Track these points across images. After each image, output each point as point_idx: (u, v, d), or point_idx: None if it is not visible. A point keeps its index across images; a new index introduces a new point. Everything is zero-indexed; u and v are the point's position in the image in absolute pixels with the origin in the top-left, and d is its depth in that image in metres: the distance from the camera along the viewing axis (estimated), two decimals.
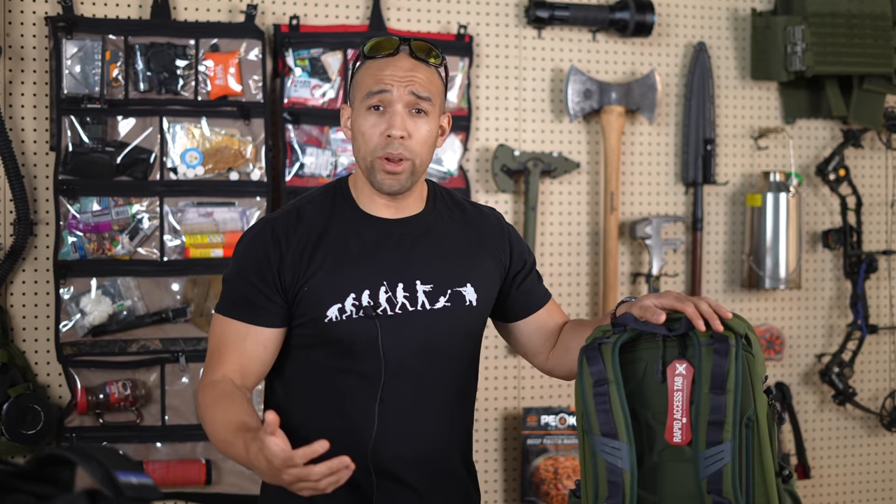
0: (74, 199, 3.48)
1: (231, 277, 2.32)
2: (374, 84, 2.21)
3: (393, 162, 2.21)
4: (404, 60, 2.23)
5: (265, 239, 2.28)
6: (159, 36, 3.55)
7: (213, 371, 2.25)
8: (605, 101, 4.03)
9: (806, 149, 4.38)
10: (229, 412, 2.13)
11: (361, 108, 2.23)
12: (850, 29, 4.17)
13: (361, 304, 2.24)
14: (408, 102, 2.21)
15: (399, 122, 2.20)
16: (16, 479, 1.76)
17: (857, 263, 4.33)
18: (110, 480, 1.65)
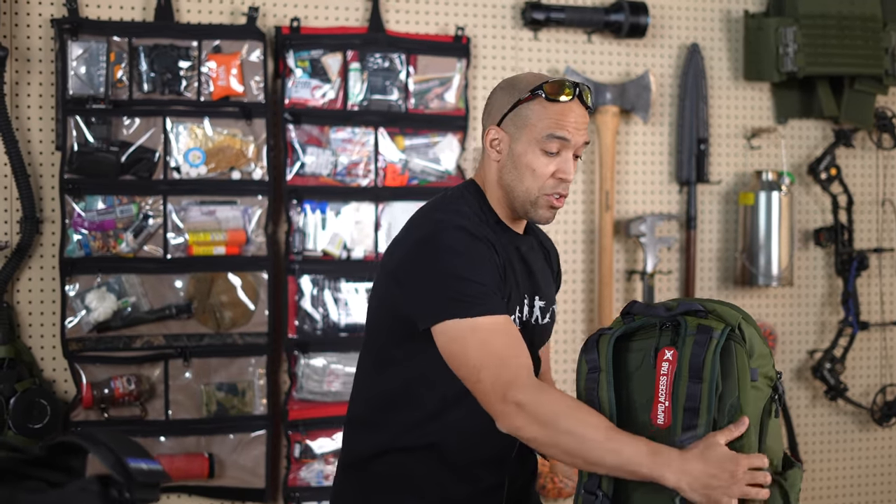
0: (80, 198, 3.54)
1: (475, 276, 2.22)
2: (557, 129, 2.27)
3: (558, 199, 2.32)
4: (579, 108, 2.31)
5: (482, 243, 2.26)
6: (163, 38, 3.62)
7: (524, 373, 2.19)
8: (601, 102, 4.10)
9: (798, 148, 4.45)
10: (597, 418, 2.12)
11: (534, 146, 2.29)
12: (840, 30, 4.23)
13: (524, 314, 2.36)
14: (577, 149, 2.32)
15: (571, 169, 2.30)
16: (28, 465, 1.82)
17: (849, 261, 4.40)
18: (121, 466, 1.70)
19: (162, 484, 1.76)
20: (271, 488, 3.75)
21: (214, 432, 3.68)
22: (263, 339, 3.70)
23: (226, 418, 3.68)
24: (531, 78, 2.33)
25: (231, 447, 3.70)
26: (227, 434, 3.69)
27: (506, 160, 2.32)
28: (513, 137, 2.31)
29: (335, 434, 3.76)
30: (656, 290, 4.20)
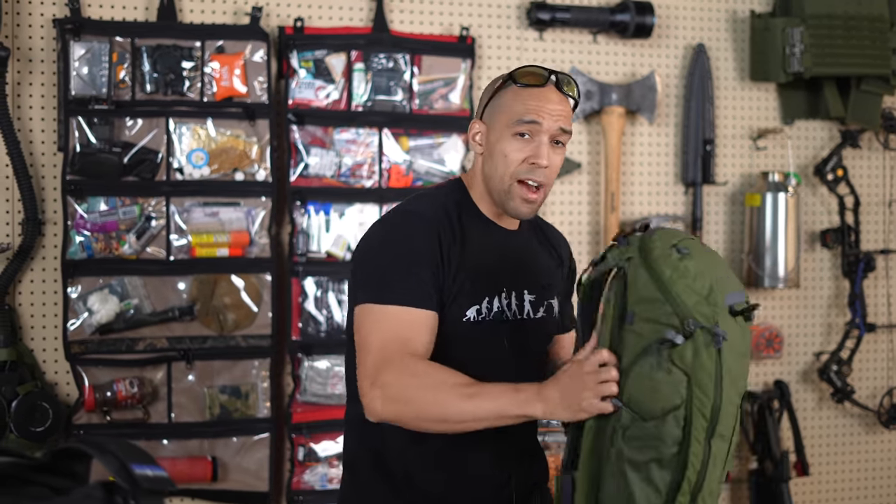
0: (82, 199, 3.52)
1: (392, 266, 2.25)
2: (526, 113, 2.27)
3: (532, 190, 2.29)
4: (553, 93, 2.30)
5: (428, 234, 2.27)
6: (165, 38, 3.60)
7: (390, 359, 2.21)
8: (606, 102, 4.07)
9: (804, 149, 4.42)
10: (453, 378, 2.16)
11: (506, 132, 2.29)
12: (847, 31, 4.21)
13: (493, 307, 2.32)
14: (553, 135, 2.28)
15: (545, 153, 2.27)
16: (31, 471, 1.79)
17: (855, 262, 4.37)
18: (126, 472, 1.68)
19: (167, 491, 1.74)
20: (275, 492, 3.73)
21: (218, 435, 3.66)
22: (267, 342, 3.68)
23: (229, 421, 3.66)
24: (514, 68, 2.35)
25: (234, 450, 3.67)
26: (231, 437, 3.67)
27: (486, 151, 2.33)
28: (490, 127, 2.32)
29: (339, 437, 3.72)
30: None
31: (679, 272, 2.01)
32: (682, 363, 1.99)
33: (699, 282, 2.01)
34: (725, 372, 2.00)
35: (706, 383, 1.99)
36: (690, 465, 1.99)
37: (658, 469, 2.02)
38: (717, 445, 2.02)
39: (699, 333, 1.98)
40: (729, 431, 2.04)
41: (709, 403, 1.99)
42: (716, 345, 1.98)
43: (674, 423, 2.00)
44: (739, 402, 2.08)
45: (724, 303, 2.02)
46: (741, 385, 2.08)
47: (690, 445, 1.99)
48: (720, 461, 2.04)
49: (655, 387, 2.01)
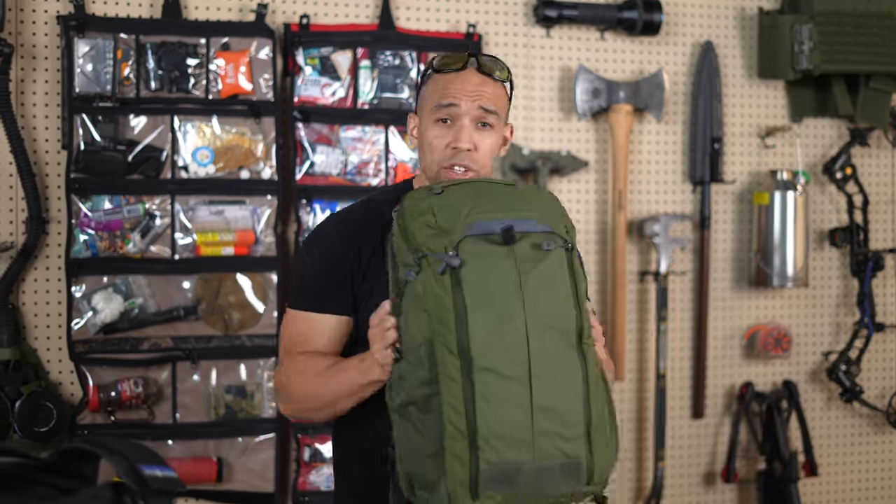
0: (86, 198, 3.49)
1: (301, 273, 2.36)
2: (443, 98, 2.26)
3: (459, 175, 2.26)
4: (473, 75, 2.28)
5: (345, 233, 2.31)
6: (170, 35, 3.57)
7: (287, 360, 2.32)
8: (614, 100, 4.04)
9: (813, 147, 4.39)
10: (314, 365, 2.24)
11: (429, 120, 2.28)
12: (856, 28, 4.18)
13: None
14: (475, 116, 2.26)
15: (466, 136, 2.25)
16: (38, 472, 1.77)
17: (864, 261, 4.34)
18: (135, 473, 1.65)
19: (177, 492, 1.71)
20: (280, 492, 3.70)
21: (223, 435, 3.63)
22: (272, 341, 3.64)
23: (234, 421, 3.63)
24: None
25: (239, 451, 3.64)
26: (236, 437, 3.64)
27: (418, 143, 2.34)
28: (420, 118, 2.33)
29: None
30: (670, 291, 4.15)
31: (419, 210, 2.01)
32: (417, 298, 1.95)
33: (443, 214, 1.98)
34: (477, 301, 1.92)
35: (443, 314, 1.92)
36: (446, 404, 1.90)
37: (420, 413, 1.96)
38: (490, 383, 1.90)
39: (425, 263, 1.95)
40: (515, 369, 1.92)
41: (451, 336, 1.91)
42: (440, 269, 1.92)
43: (418, 363, 1.95)
44: (559, 339, 1.96)
45: (468, 230, 1.96)
46: (551, 320, 1.96)
47: (441, 384, 1.91)
48: (511, 402, 1.91)
49: (408, 328, 1.99)
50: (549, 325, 1.95)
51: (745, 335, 4.30)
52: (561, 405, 1.95)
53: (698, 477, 4.27)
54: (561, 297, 1.99)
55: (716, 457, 4.28)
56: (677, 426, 4.23)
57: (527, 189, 2.15)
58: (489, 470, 1.90)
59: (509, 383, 1.91)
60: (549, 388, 1.94)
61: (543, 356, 1.94)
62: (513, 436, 1.91)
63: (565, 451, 1.95)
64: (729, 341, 4.28)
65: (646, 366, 4.18)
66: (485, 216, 1.98)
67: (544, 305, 1.96)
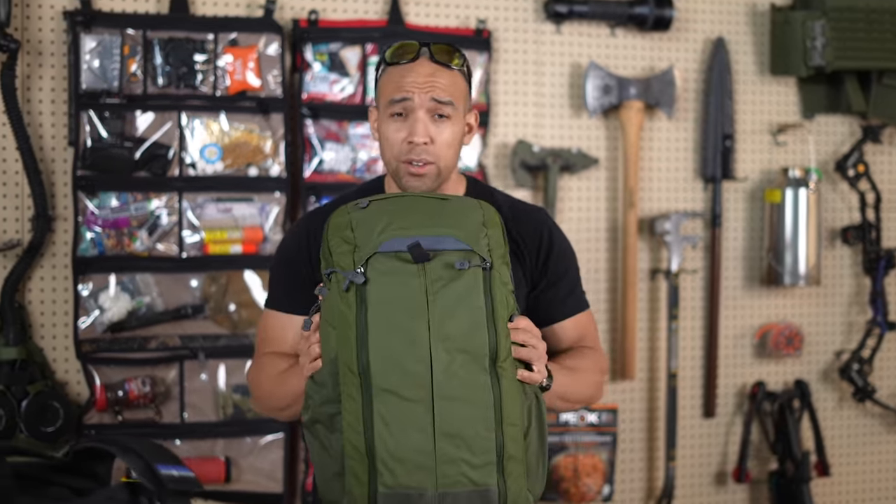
0: (93, 195, 3.46)
1: (272, 270, 2.41)
2: (396, 92, 2.22)
3: (418, 167, 2.23)
4: (425, 66, 2.24)
5: (298, 234, 2.34)
6: (178, 30, 3.53)
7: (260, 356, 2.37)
8: (624, 97, 4.00)
9: (825, 144, 4.35)
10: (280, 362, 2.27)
11: (385, 114, 2.26)
12: (869, 24, 4.14)
13: None
14: (429, 108, 2.22)
15: (421, 129, 2.21)
16: (52, 472, 1.74)
17: (876, 260, 4.30)
18: (151, 473, 1.63)
19: (194, 492, 1.68)
20: (289, 493, 3.66)
21: (231, 435, 3.59)
22: None
23: (242, 421, 3.59)
24: None
25: (248, 451, 3.61)
26: (244, 437, 3.60)
27: (378, 138, 2.31)
28: (378, 112, 2.30)
29: None
30: (681, 290, 4.11)
31: (340, 225, 1.98)
32: (328, 315, 1.93)
33: (360, 230, 1.94)
34: (379, 320, 1.87)
35: (347, 333, 1.88)
36: (345, 422, 1.86)
37: (327, 432, 1.92)
38: (389, 405, 1.85)
39: (333, 280, 1.92)
40: (416, 392, 1.86)
41: (353, 355, 1.87)
42: (343, 288, 1.88)
43: (325, 380, 1.92)
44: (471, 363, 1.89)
45: (379, 247, 1.92)
46: (462, 342, 1.89)
47: (343, 402, 1.87)
48: (411, 427, 1.85)
49: (321, 345, 1.97)
50: (459, 347, 1.89)
51: (757, 334, 4.26)
52: (467, 431, 1.88)
53: (709, 477, 4.23)
54: (473, 318, 1.92)
55: (727, 457, 4.24)
56: (688, 426, 4.19)
57: (458, 204, 2.07)
58: (388, 493, 1.86)
59: (410, 405, 1.86)
60: (454, 412, 1.88)
61: (450, 379, 1.88)
62: (412, 460, 1.86)
63: (472, 478, 1.88)
64: (740, 340, 4.24)
65: (657, 365, 4.14)
66: (400, 233, 1.93)
67: (454, 327, 1.90)
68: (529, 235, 2.38)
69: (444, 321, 1.89)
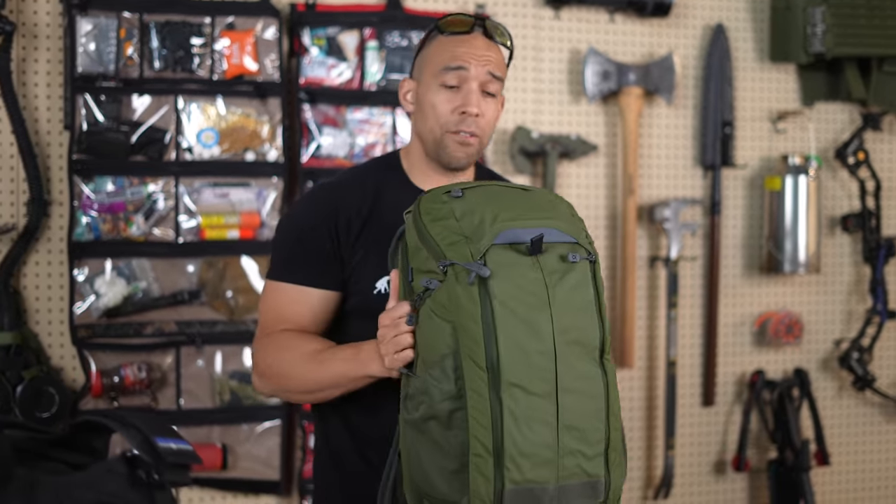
0: (89, 179, 3.43)
1: (284, 242, 2.28)
2: (452, 60, 2.20)
3: (466, 136, 2.21)
4: (479, 39, 2.23)
5: (320, 206, 2.26)
6: (174, 14, 3.50)
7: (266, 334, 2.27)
8: (624, 83, 3.98)
9: (825, 132, 4.33)
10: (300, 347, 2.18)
11: (433, 82, 2.22)
12: (870, 10, 4.12)
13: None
14: (483, 82, 2.21)
15: (475, 100, 2.19)
16: (49, 446, 1.72)
17: (877, 248, 4.29)
18: (149, 446, 1.60)
19: (193, 465, 1.66)
20: (286, 480, 3.64)
21: (227, 422, 3.57)
22: None
23: (239, 408, 3.57)
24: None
25: (244, 437, 3.59)
26: (241, 424, 3.58)
27: (416, 108, 2.27)
28: (419, 82, 2.27)
29: None
30: (680, 277, 4.09)
31: (440, 214, 1.91)
32: (441, 309, 1.86)
33: (466, 220, 1.88)
34: (506, 314, 1.82)
35: (471, 327, 1.81)
36: (473, 419, 1.80)
37: (441, 428, 1.86)
38: (518, 400, 1.81)
39: (451, 272, 1.84)
40: (542, 386, 1.82)
41: (479, 350, 1.81)
42: (469, 280, 1.81)
43: (442, 375, 1.85)
44: (583, 354, 1.87)
45: (495, 239, 1.85)
46: (576, 334, 1.87)
47: (468, 398, 1.81)
48: (538, 421, 1.82)
49: (426, 340, 1.90)
50: (574, 339, 1.87)
51: (756, 322, 4.24)
52: (584, 423, 1.87)
53: (708, 465, 4.21)
54: (585, 310, 1.90)
55: (726, 445, 4.22)
56: (687, 414, 4.17)
57: (543, 195, 2.03)
58: (515, 490, 1.82)
59: (536, 400, 1.82)
60: (574, 405, 1.85)
61: (569, 371, 1.85)
62: (539, 454, 1.82)
63: (586, 469, 1.87)
64: (740, 328, 4.22)
65: (656, 353, 4.12)
66: (510, 224, 1.88)
67: (570, 319, 1.87)
68: None
69: (562, 314, 1.86)
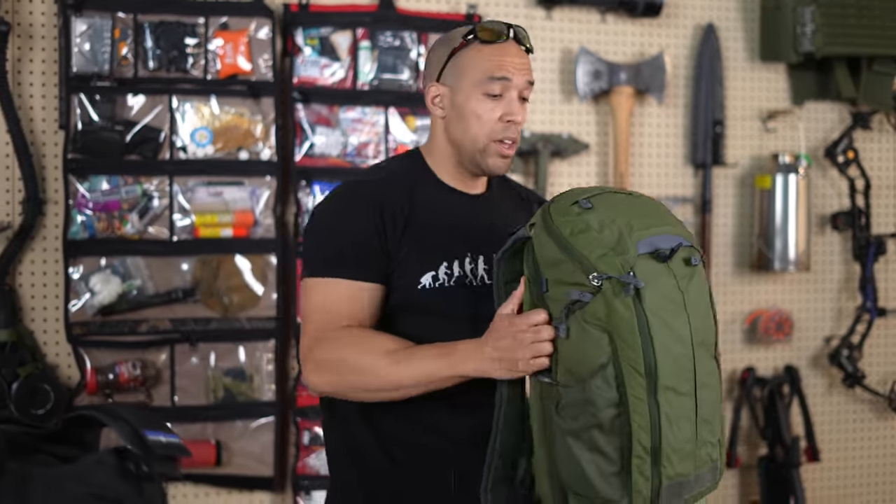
0: (84, 178, 3.46)
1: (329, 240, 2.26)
2: (496, 70, 2.23)
3: (508, 146, 2.26)
4: (513, 47, 2.26)
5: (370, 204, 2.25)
6: (169, 14, 3.53)
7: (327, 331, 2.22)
8: (615, 82, 4.01)
9: (814, 131, 4.37)
10: (381, 345, 2.16)
11: (474, 92, 2.25)
12: (859, 10, 4.15)
13: (454, 273, 2.26)
14: (521, 89, 2.26)
15: (517, 109, 2.25)
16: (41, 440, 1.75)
17: (866, 246, 4.32)
18: (138, 438, 1.63)
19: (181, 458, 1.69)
20: (279, 476, 3.67)
21: (221, 419, 3.60)
22: (271, 324, 3.62)
23: (233, 405, 3.60)
24: (463, 28, 2.29)
25: (238, 434, 3.62)
26: (235, 421, 3.61)
27: (450, 114, 2.28)
28: (453, 89, 2.27)
29: None
30: None
31: (579, 227, 1.95)
32: (597, 320, 1.91)
33: (606, 232, 1.93)
34: (656, 321, 1.89)
35: (629, 337, 1.89)
36: (635, 424, 1.89)
37: (602, 434, 1.93)
38: (671, 401, 1.90)
39: (607, 285, 1.89)
40: (687, 385, 1.93)
41: (638, 357, 1.88)
42: (626, 293, 1.87)
43: (604, 385, 1.91)
44: (706, 352, 1.97)
45: (638, 249, 1.91)
46: (702, 334, 1.96)
47: (630, 404, 1.89)
48: (684, 419, 1.92)
49: (579, 350, 1.94)
50: (700, 339, 1.97)
51: (747, 320, 4.27)
52: (711, 415, 1.99)
53: None
54: (707, 310, 2.00)
55: None
56: None
57: (648, 200, 2.10)
58: (668, 485, 1.94)
59: (684, 399, 1.93)
60: (706, 399, 1.98)
61: (702, 369, 1.97)
62: (684, 449, 1.94)
63: (712, 456, 2.01)
64: (730, 326, 4.25)
65: None
66: (645, 233, 1.94)
67: (699, 320, 1.97)
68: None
69: (694, 316, 1.96)
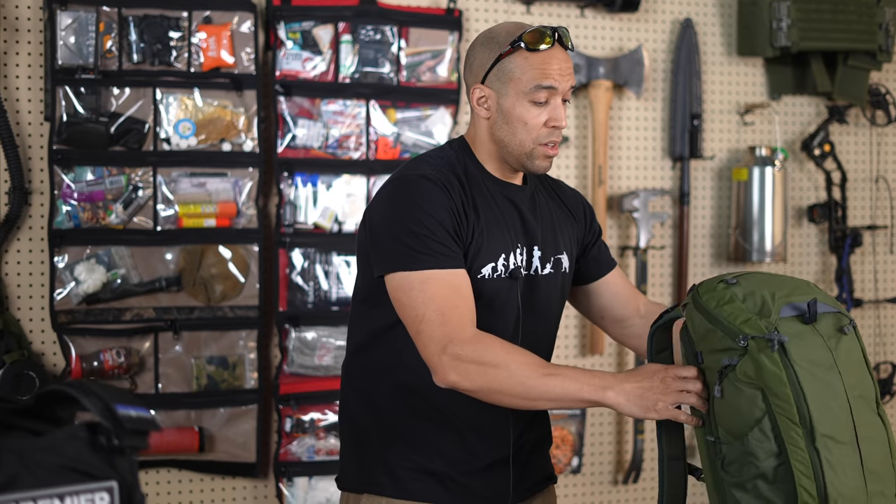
0: (69, 169, 3.51)
1: (416, 232, 2.24)
2: (543, 79, 2.28)
3: (552, 147, 2.34)
4: (559, 52, 2.32)
5: (451, 197, 2.29)
6: (152, 8, 3.59)
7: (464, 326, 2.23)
8: (593, 76, 4.07)
9: (791, 125, 4.43)
10: (532, 357, 2.22)
11: (522, 98, 2.30)
12: (834, 5, 4.21)
13: (509, 264, 2.34)
14: (565, 94, 2.33)
15: (562, 114, 2.32)
16: (15, 416, 1.79)
17: (842, 238, 4.38)
18: (109, 412, 1.67)
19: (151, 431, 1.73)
20: (262, 463, 3.73)
21: (205, 406, 3.66)
22: (254, 313, 3.67)
23: (216, 392, 3.66)
24: (510, 28, 2.32)
25: (221, 421, 3.67)
26: (218, 408, 3.67)
27: (496, 116, 2.34)
28: (499, 93, 2.33)
29: (326, 408, 3.73)
30: (650, 266, 4.18)
31: (725, 299, 2.07)
32: (748, 378, 2.01)
33: (749, 301, 2.05)
34: (805, 374, 1.98)
35: (780, 389, 1.98)
36: (797, 471, 1.98)
37: (767, 484, 2.03)
38: (830, 448, 1.98)
39: (753, 344, 2.00)
40: (847, 435, 2.01)
41: (791, 408, 1.98)
42: (772, 348, 1.97)
43: (762, 436, 2.01)
44: (866, 405, 2.04)
45: (781, 313, 2.02)
46: (859, 389, 2.04)
47: (790, 452, 1.98)
48: (848, 465, 2.00)
49: (735, 408, 2.04)
50: (858, 394, 2.04)
51: None
52: (880, 467, 2.05)
53: None
54: (861, 367, 2.07)
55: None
56: None
57: (792, 278, 2.20)
58: None
59: (844, 448, 2.00)
60: (870, 451, 2.04)
61: (861, 422, 2.03)
62: (856, 498, 2.00)
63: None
64: None
65: None
66: (788, 299, 2.05)
67: (853, 376, 2.04)
68: (574, 202, 2.59)
69: (846, 372, 2.04)
